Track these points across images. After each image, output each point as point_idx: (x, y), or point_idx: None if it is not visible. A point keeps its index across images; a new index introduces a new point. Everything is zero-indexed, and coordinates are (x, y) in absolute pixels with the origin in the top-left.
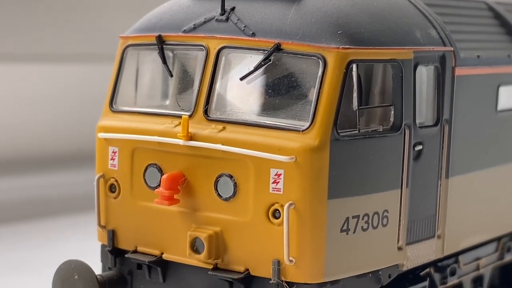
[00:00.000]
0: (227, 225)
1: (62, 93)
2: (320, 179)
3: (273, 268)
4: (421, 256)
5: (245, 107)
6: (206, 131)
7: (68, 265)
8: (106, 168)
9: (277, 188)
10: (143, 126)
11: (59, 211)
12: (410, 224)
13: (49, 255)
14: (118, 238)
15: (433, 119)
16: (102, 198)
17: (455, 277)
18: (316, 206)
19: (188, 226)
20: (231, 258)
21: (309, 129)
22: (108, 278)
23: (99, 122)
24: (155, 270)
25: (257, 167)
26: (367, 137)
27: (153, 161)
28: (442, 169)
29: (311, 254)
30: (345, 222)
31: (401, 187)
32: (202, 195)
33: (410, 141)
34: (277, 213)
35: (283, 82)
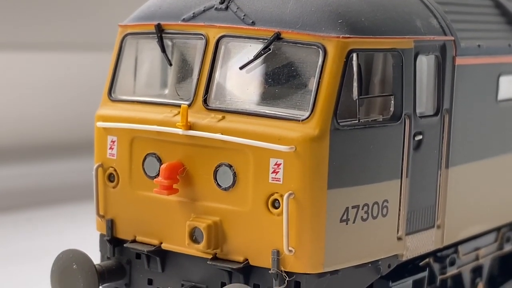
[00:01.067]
0: (226, 215)
1: (61, 82)
2: (320, 169)
3: (272, 258)
4: (421, 246)
5: (245, 97)
6: (206, 121)
7: (67, 255)
8: (105, 158)
9: (276, 178)
10: (142, 115)
11: (57, 200)
12: (410, 214)
13: (47, 244)
14: (117, 227)
15: (433, 109)
16: (101, 188)
17: (455, 267)
18: (315, 196)
19: (187, 215)
20: (230, 248)
21: (309, 118)
22: (106, 267)
23: (97, 111)
24: (154, 260)
25: (257, 156)
26: (367, 126)
27: (152, 150)
28: (442, 159)
29: (311, 244)
30: (344, 212)
31: (401, 177)
32: (201, 185)
33: (410, 131)
34: (277, 203)
35: (283, 71)
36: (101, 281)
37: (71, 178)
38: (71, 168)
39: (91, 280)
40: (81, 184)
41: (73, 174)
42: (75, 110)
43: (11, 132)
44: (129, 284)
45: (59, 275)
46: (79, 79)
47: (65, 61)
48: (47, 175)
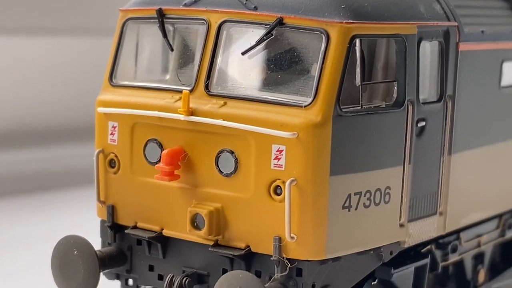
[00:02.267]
0: (228, 201)
1: (61, 66)
2: (322, 156)
3: (274, 245)
4: (423, 233)
5: (247, 82)
6: (207, 106)
7: (67, 241)
8: (106, 143)
9: (278, 164)
10: (143, 100)
11: (58, 185)
12: (412, 201)
13: (48, 230)
14: (118, 213)
15: (436, 95)
16: (102, 173)
17: (456, 254)
18: (318, 183)
19: (188, 202)
20: (232, 235)
21: (311, 104)
22: (107, 253)
23: (98, 97)
24: (155, 246)
25: (259, 143)
26: (370, 113)
27: (153, 136)
28: (445, 145)
29: (313, 231)
30: (347, 198)
31: (403, 163)
32: (203, 171)
33: (413, 117)
34: (279, 189)
35: (285, 57)
36: (102, 267)
37: (72, 164)
38: (72, 154)
39: (92, 266)
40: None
41: (73, 160)
42: (76, 95)
43: (10, 117)
44: (130, 271)
45: (60, 261)
46: (80, 64)
47: (65, 46)
48: (48, 161)
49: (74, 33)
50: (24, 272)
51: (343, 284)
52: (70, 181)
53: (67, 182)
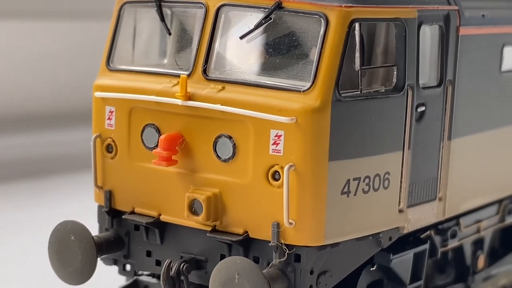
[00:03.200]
0: (226, 186)
1: (59, 51)
2: (321, 141)
3: (272, 230)
4: (422, 218)
5: (245, 67)
6: (205, 91)
7: (64, 226)
8: (103, 128)
9: (277, 150)
10: (141, 85)
11: (55, 170)
12: (412, 186)
13: (45, 215)
14: (115, 199)
15: (436, 80)
16: (99, 159)
17: (456, 239)
18: (316, 168)
19: (186, 187)
20: (230, 220)
21: (310, 89)
22: (105, 239)
23: (95, 81)
24: (153, 232)
25: (257, 128)
26: (369, 98)
27: (151, 121)
28: (445, 130)
29: (311, 217)
30: (346, 184)
31: (403, 149)
32: (201, 156)
33: (413, 102)
34: (277, 175)
35: (284, 41)
36: (99, 253)
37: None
38: (69, 138)
39: (89, 251)
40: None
41: (71, 145)
42: (73, 80)
43: (7, 102)
44: (128, 256)
45: (57, 246)
46: (77, 48)
47: (63, 30)
48: (45, 145)
49: (71, 17)
50: (21, 257)
51: (341, 270)
52: (67, 166)
53: (64, 167)
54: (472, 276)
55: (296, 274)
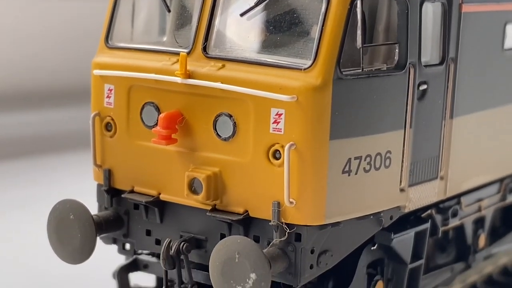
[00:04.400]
0: (226, 165)
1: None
2: (322, 119)
3: (273, 209)
4: (424, 197)
5: (245, 44)
6: (205, 69)
7: (63, 205)
8: (102, 106)
9: (277, 128)
10: (140, 63)
11: (54, 149)
12: (413, 165)
13: (44, 193)
14: (115, 177)
15: (438, 58)
16: (98, 137)
17: (457, 218)
18: (317, 147)
19: (186, 166)
20: (230, 200)
21: (311, 67)
22: (104, 218)
23: (94, 59)
24: (152, 211)
25: (257, 106)
26: (371, 76)
27: (150, 99)
28: (447, 109)
29: (312, 196)
30: (347, 163)
31: (404, 127)
32: (201, 135)
33: (415, 81)
34: (278, 153)
35: (284, 19)
36: (99, 232)
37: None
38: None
39: (89, 230)
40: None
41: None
42: (72, 57)
43: (5, 80)
44: (127, 235)
45: (56, 225)
46: (77, 25)
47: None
48: (43, 123)
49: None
50: (20, 235)
51: (342, 249)
52: (66, 144)
53: (63, 145)
54: (473, 255)
55: (297, 254)
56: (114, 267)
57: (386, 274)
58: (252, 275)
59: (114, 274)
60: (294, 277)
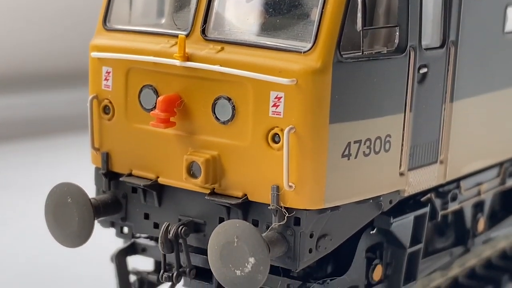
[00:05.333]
0: (225, 149)
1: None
2: (322, 103)
3: (272, 193)
4: (423, 181)
5: (245, 27)
6: (204, 52)
7: (61, 188)
8: (100, 89)
9: (277, 112)
10: (138, 45)
11: (53, 131)
12: (413, 149)
13: (42, 176)
14: (113, 161)
15: (439, 41)
16: (96, 120)
17: (456, 202)
18: (317, 131)
19: (184, 149)
20: (229, 183)
21: (311, 50)
22: (102, 201)
23: (92, 41)
24: (151, 194)
25: (257, 89)
26: (371, 59)
27: (149, 82)
28: (447, 92)
29: (311, 180)
30: (346, 147)
31: (404, 111)
32: (199, 118)
33: (415, 64)
34: (277, 137)
35: (284, 1)
36: (97, 215)
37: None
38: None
39: (86, 214)
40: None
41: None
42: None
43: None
44: (125, 219)
45: (54, 209)
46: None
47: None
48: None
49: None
50: (18, 218)
51: (341, 233)
52: (64, 126)
53: (61, 127)
54: (472, 239)
55: (296, 238)
56: (112, 250)
57: (385, 258)
58: (251, 259)
59: (112, 257)
60: (293, 261)
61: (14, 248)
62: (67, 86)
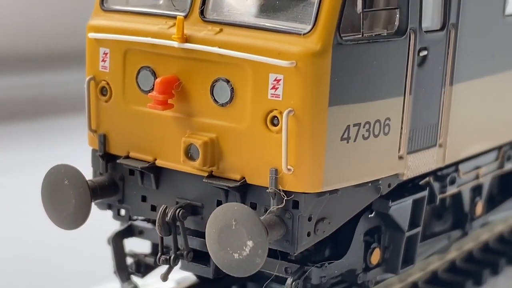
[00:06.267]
0: (223, 131)
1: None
2: (321, 85)
3: (270, 176)
4: (422, 165)
5: (244, 8)
6: (202, 33)
7: (58, 170)
8: (97, 70)
9: (276, 94)
10: (136, 26)
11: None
12: (412, 132)
13: (38, 157)
14: (110, 143)
15: (439, 23)
16: (93, 101)
17: (455, 186)
18: (316, 113)
19: (182, 132)
20: (227, 166)
21: (310, 32)
22: (99, 183)
23: (89, 22)
24: (148, 177)
25: (256, 71)
26: (371, 41)
27: (146, 63)
28: (447, 75)
29: (310, 163)
30: (345, 130)
31: (404, 94)
32: (198, 100)
33: (415, 46)
34: (276, 120)
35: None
36: (94, 198)
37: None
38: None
39: (83, 196)
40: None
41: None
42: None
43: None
44: (122, 201)
45: (50, 191)
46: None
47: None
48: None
49: None
50: (14, 200)
51: (340, 217)
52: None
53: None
54: (470, 223)
55: (294, 221)
56: (109, 233)
57: (383, 241)
58: (249, 243)
59: (109, 240)
60: (291, 244)
61: (9, 231)
62: (64, 67)
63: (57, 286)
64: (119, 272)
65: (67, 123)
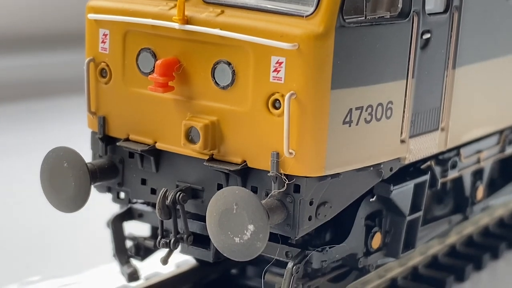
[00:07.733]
0: (224, 114)
1: None
2: (324, 68)
3: (271, 160)
4: (424, 149)
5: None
6: (204, 15)
7: (57, 153)
8: (97, 52)
9: (278, 77)
10: (136, 7)
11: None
12: (414, 116)
13: (38, 139)
14: (109, 125)
15: (442, 6)
16: (93, 83)
17: (456, 170)
18: (318, 97)
19: (183, 114)
20: (228, 149)
21: (313, 14)
22: (98, 166)
23: (89, 2)
24: (148, 160)
25: (257, 54)
26: (374, 24)
27: (147, 45)
28: (450, 59)
29: (312, 146)
30: (348, 113)
31: (406, 77)
32: (198, 83)
33: (418, 29)
34: (277, 103)
35: None
36: (93, 180)
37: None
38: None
39: (83, 179)
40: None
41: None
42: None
43: None
44: (122, 184)
45: (49, 173)
46: None
47: None
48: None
49: None
50: (12, 183)
51: (341, 201)
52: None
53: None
54: (471, 207)
55: (295, 205)
56: (108, 216)
57: (384, 226)
58: (250, 227)
59: (108, 223)
60: (292, 228)
61: (8, 214)
62: (64, 48)
63: (56, 269)
64: (118, 255)
65: (66, 104)
